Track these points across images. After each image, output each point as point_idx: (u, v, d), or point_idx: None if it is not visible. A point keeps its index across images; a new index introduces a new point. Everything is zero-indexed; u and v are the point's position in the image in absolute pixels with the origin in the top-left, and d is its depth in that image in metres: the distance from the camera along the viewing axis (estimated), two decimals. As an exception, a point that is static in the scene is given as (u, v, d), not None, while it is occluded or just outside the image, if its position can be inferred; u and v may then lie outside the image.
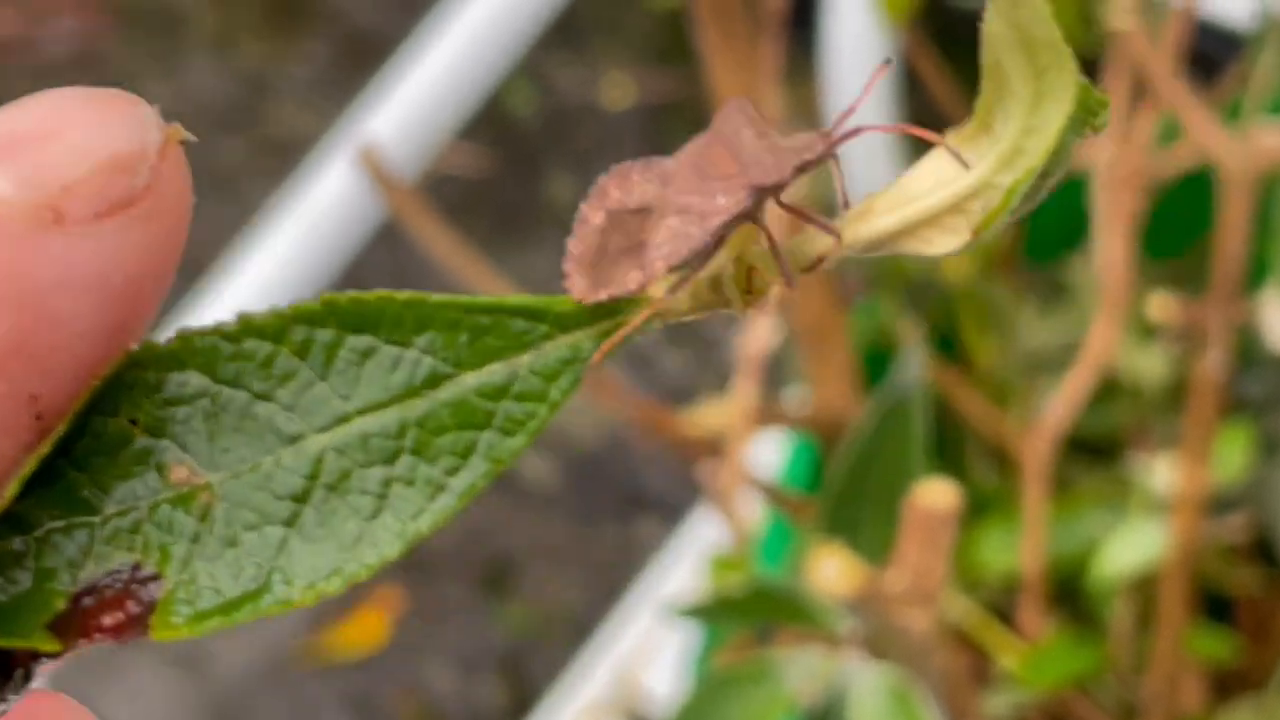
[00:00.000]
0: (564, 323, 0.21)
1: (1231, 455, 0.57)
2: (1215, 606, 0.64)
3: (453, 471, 0.21)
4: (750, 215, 0.22)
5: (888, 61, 0.24)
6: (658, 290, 0.22)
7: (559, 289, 0.22)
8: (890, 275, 0.62)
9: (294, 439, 0.21)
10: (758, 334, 0.54)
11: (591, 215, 0.22)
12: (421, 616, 1.20)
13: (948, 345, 0.64)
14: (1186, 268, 0.65)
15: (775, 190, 0.22)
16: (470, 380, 0.21)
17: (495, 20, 0.69)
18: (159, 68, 1.41)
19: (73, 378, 0.20)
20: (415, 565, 1.22)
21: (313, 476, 0.21)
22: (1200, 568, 0.61)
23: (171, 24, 1.43)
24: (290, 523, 0.21)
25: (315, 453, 0.21)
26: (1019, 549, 0.59)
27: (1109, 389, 0.62)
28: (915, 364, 0.39)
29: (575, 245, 0.22)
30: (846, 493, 0.39)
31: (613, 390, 0.54)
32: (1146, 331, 0.62)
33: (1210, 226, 0.56)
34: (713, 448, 0.54)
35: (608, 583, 1.19)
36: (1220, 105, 0.62)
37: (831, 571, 0.33)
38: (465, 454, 0.21)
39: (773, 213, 0.23)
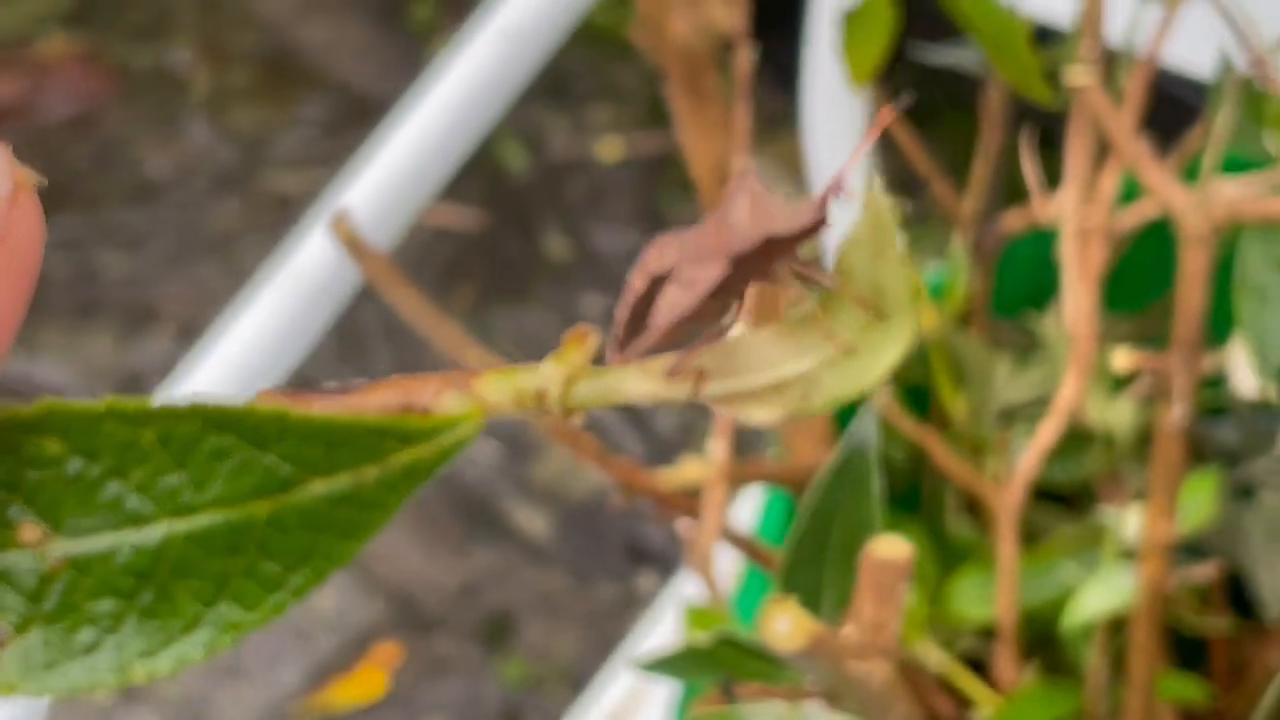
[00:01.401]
0: (409, 438, 0.23)
1: (1198, 503, 0.58)
2: (1190, 651, 0.65)
3: (292, 569, 0.22)
4: (738, 282, 0.23)
5: (866, 139, 0.25)
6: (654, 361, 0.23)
7: (552, 346, 0.24)
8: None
9: (143, 520, 0.22)
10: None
11: (635, 282, 0.24)
12: (419, 671, 1.21)
13: (922, 398, 0.66)
14: (1153, 321, 0.66)
15: (765, 256, 0.23)
16: (319, 487, 0.22)
17: (480, 82, 0.70)
18: (156, 131, 1.43)
19: None
20: (413, 620, 1.22)
21: (157, 558, 0.22)
22: (1171, 613, 0.62)
23: (169, 88, 1.45)
24: (130, 598, 0.22)
25: (162, 536, 0.22)
26: (994, 599, 0.60)
27: (1080, 440, 0.63)
28: (871, 419, 0.40)
29: (619, 311, 0.24)
30: (805, 548, 0.40)
31: (590, 450, 0.55)
32: (1117, 383, 0.63)
33: (1173, 281, 0.57)
34: (690, 504, 0.55)
35: (605, 636, 1.20)
36: (1184, 158, 0.64)
37: (783, 626, 0.34)
38: (305, 555, 0.22)
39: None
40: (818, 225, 0.23)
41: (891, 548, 0.37)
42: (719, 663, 0.40)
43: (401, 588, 1.24)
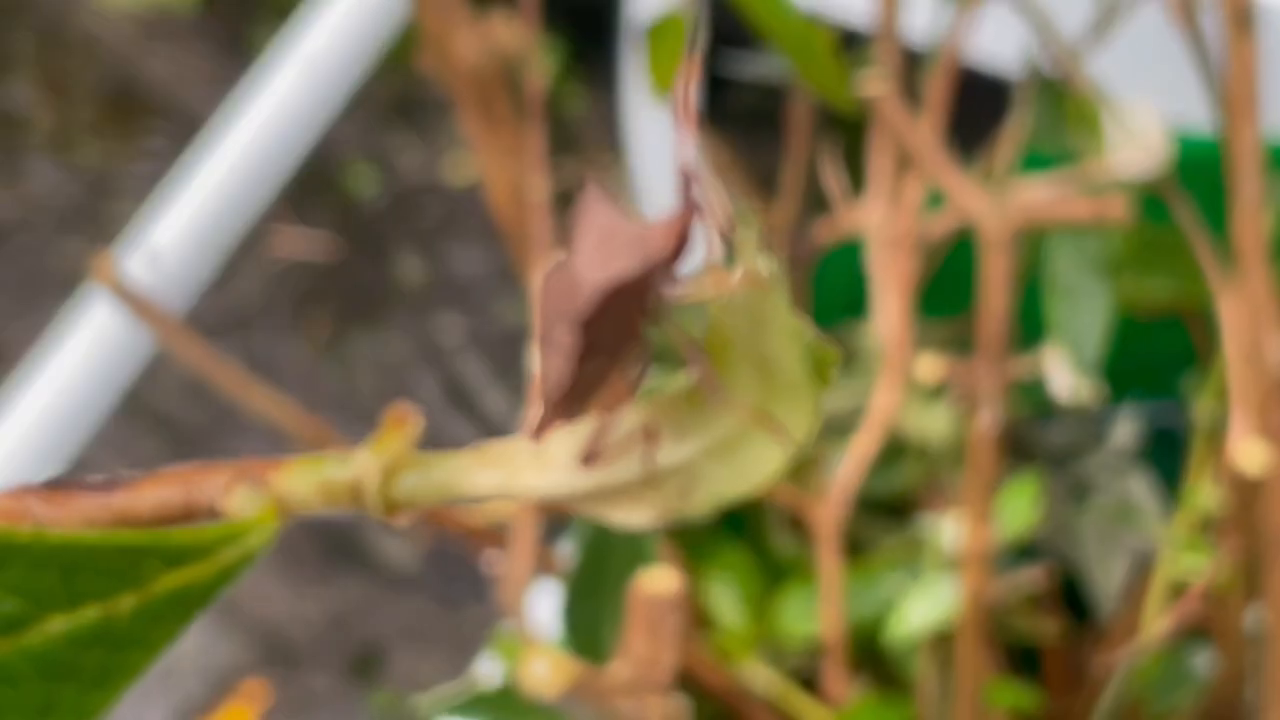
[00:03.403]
0: (178, 558, 0.19)
1: (1017, 508, 0.58)
2: (1023, 657, 0.64)
3: None
4: (604, 345, 0.19)
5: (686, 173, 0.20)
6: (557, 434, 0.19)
7: (412, 371, 0.20)
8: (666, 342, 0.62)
9: None
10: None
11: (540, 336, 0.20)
12: (288, 707, 1.19)
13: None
14: (969, 326, 0.66)
15: (618, 309, 0.18)
16: (58, 625, 0.19)
17: (285, 113, 0.69)
18: (-1, 171, 1.40)
19: None
20: (279, 656, 1.21)
21: None
22: (1001, 620, 0.61)
23: (9, 126, 1.43)
24: None
25: None
26: (820, 615, 0.59)
27: (899, 450, 0.62)
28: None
29: (537, 377, 0.20)
30: (584, 582, 0.39)
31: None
32: (934, 392, 0.62)
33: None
34: (498, 537, 0.54)
35: (474, 662, 1.19)
36: (995, 159, 0.63)
37: (541, 670, 0.33)
38: (45, 710, 0.19)
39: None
40: (671, 259, 0.18)
41: (660, 581, 0.36)
42: (502, 709, 0.39)
43: (266, 622, 1.22)
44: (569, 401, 0.19)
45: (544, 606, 0.57)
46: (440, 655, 1.21)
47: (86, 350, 0.59)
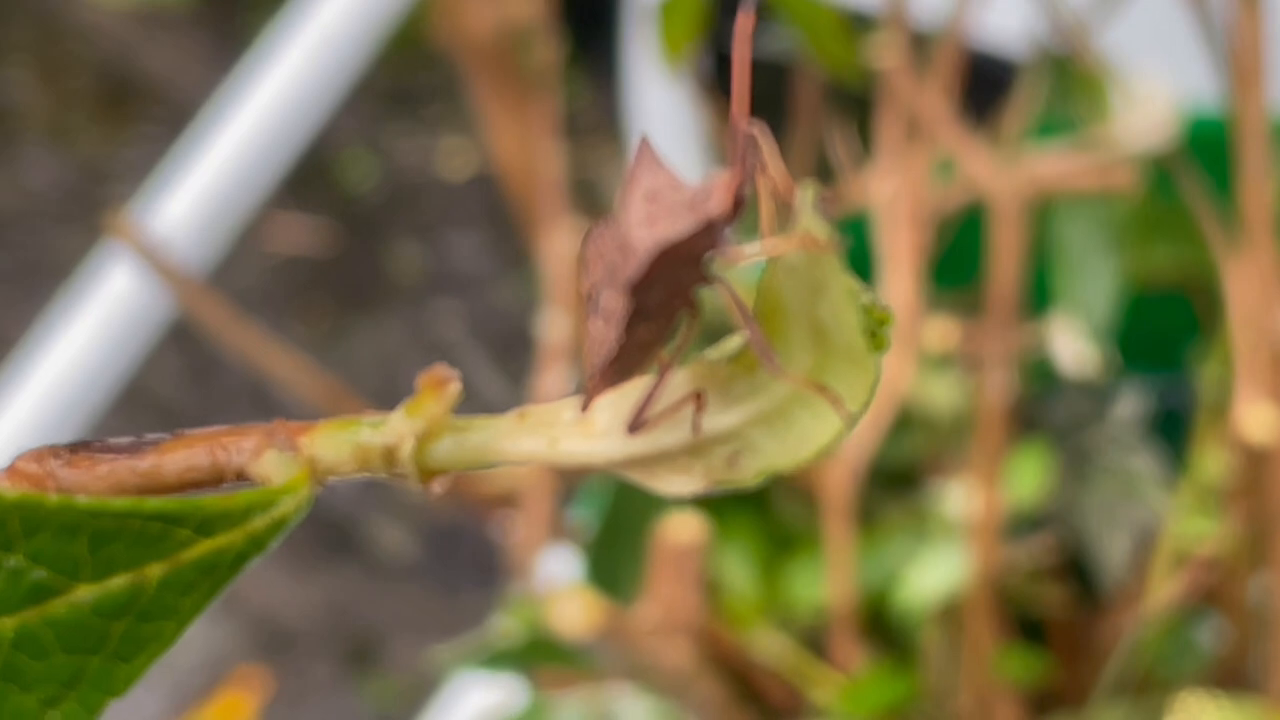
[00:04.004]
0: (209, 526, 0.18)
1: (1025, 477, 0.59)
2: (1030, 627, 0.65)
3: (52, 703, 0.18)
4: (655, 309, 0.18)
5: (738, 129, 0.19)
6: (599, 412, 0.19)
7: (411, 362, 0.19)
8: (715, 311, 0.62)
9: None
10: (552, 380, 0.55)
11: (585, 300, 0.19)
12: (286, 694, 1.19)
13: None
14: (975, 297, 0.67)
15: (667, 273, 0.18)
16: (85, 595, 0.18)
17: (293, 93, 0.69)
18: (-4, 161, 1.41)
19: None
20: (277, 644, 1.21)
21: None
22: (1008, 589, 0.62)
23: (5, 115, 1.43)
24: None
25: None
26: (828, 581, 0.60)
27: (908, 419, 0.63)
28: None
29: (585, 343, 0.19)
30: (607, 533, 0.40)
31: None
32: (942, 361, 0.63)
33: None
34: (510, 501, 0.55)
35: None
36: (999, 134, 0.64)
37: (571, 612, 0.34)
38: (71, 682, 0.18)
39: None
40: (725, 220, 0.18)
41: (683, 528, 0.37)
42: (527, 655, 0.40)
43: (265, 609, 1.23)
44: (618, 368, 0.19)
45: (554, 570, 0.57)
46: (438, 642, 1.22)
47: (103, 315, 0.59)
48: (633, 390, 0.19)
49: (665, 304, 0.18)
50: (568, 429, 0.19)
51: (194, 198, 0.67)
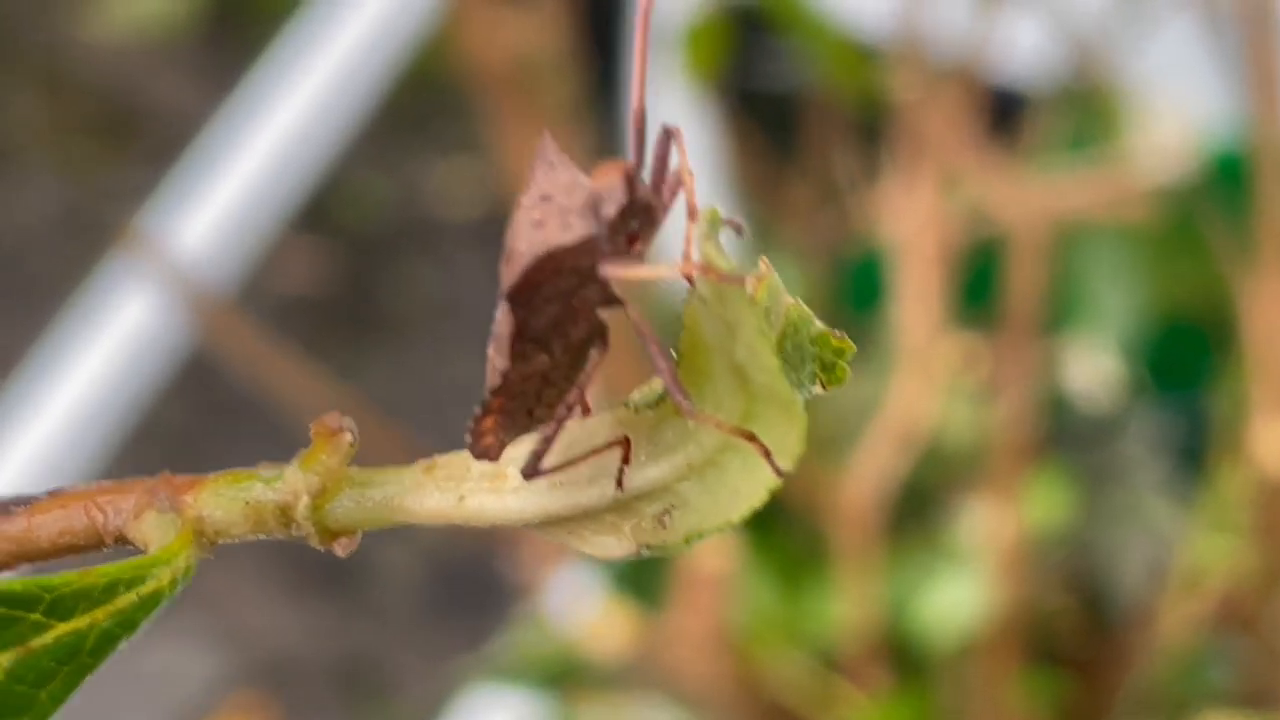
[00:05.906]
0: (63, 607, 0.16)
1: (1044, 499, 0.59)
2: (1047, 648, 0.65)
3: None
4: (536, 329, 0.16)
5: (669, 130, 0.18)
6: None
7: (440, 385, 0.16)
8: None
9: None
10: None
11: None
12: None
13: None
14: (996, 319, 0.67)
15: (552, 287, 0.15)
16: None
17: (307, 120, 0.69)
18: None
19: None
20: (272, 669, 1.21)
21: None
22: (1026, 611, 0.62)
23: (7, 139, 1.43)
24: None
25: None
26: (846, 603, 0.60)
27: (928, 439, 0.63)
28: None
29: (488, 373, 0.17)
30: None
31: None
32: (959, 382, 0.63)
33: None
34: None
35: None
36: (1017, 165, 0.64)
37: (605, 628, 0.34)
38: None
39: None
40: (611, 225, 0.15)
41: (712, 556, 0.37)
42: (553, 669, 0.40)
43: (263, 635, 1.23)
44: (511, 406, 0.16)
45: (567, 586, 0.57)
46: (437, 667, 1.22)
47: (113, 343, 0.59)
48: (551, 439, 0.16)
49: (559, 326, 0.16)
50: (477, 484, 0.17)
51: (203, 231, 0.67)
